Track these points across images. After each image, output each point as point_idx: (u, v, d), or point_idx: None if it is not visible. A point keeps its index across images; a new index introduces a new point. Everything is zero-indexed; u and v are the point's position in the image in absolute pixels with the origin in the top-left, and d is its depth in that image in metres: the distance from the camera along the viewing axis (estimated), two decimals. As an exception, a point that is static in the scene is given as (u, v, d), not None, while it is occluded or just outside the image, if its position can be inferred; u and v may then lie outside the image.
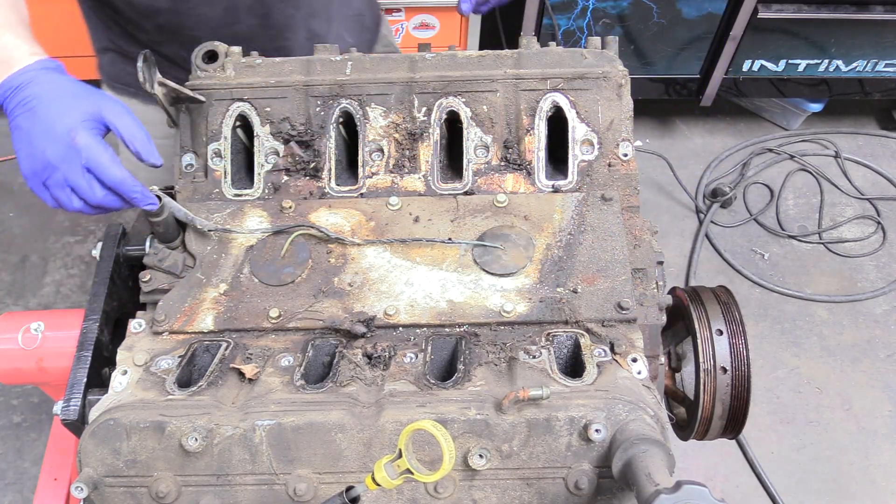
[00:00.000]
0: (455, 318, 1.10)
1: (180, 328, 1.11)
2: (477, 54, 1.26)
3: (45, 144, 1.05)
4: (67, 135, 1.05)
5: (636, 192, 1.25)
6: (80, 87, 1.13)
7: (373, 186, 1.25)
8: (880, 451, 2.62)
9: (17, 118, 1.07)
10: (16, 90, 1.08)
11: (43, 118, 1.06)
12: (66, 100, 1.09)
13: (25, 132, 1.06)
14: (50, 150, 1.05)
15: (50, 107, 1.07)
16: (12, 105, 1.08)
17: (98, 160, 1.07)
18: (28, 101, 1.07)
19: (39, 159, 1.06)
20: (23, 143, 1.07)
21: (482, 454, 0.92)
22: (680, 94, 3.26)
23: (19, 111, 1.07)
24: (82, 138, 1.06)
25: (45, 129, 1.06)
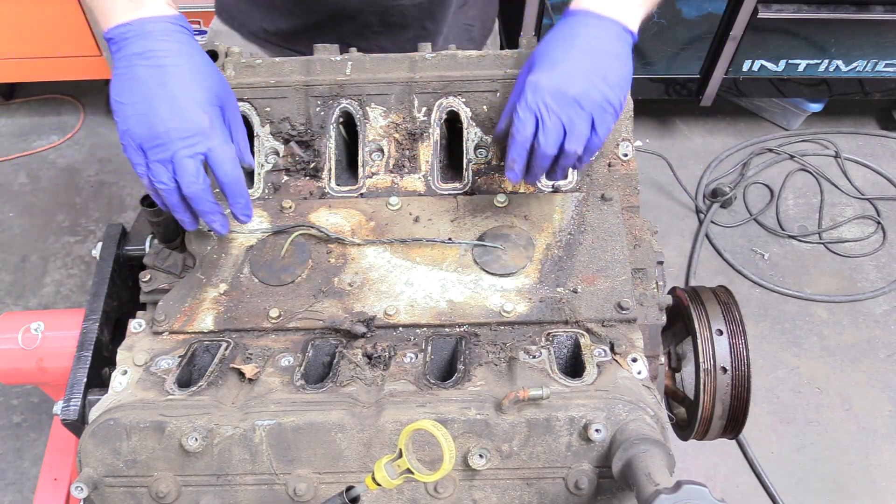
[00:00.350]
0: (455, 318, 1.10)
1: (180, 328, 1.11)
2: (477, 54, 1.26)
3: (169, 114, 0.95)
4: (197, 113, 0.96)
5: (636, 192, 1.25)
6: (211, 63, 1.04)
7: (373, 186, 1.25)
8: (880, 451, 2.62)
9: (135, 67, 0.96)
10: (141, 36, 0.97)
11: (172, 83, 0.96)
12: (201, 73, 1.00)
13: (144, 88, 0.96)
14: (173, 123, 0.95)
15: (182, 74, 0.97)
16: (133, 49, 0.97)
17: (223, 152, 0.98)
18: (155, 55, 0.97)
19: (155, 127, 0.95)
20: (136, 100, 0.96)
21: (482, 454, 0.92)
22: (680, 94, 3.26)
23: (140, 61, 0.96)
24: (215, 124, 0.98)
25: (171, 97, 0.96)
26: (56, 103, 3.62)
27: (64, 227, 3.17)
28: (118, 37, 0.98)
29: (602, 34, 1.06)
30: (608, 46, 1.05)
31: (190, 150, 0.97)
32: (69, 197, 3.27)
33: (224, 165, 0.99)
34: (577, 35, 1.06)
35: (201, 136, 0.97)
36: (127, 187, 3.31)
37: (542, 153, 1.04)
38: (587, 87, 1.02)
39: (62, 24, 3.06)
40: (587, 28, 1.06)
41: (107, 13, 0.99)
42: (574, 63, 1.04)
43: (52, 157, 3.42)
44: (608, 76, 1.04)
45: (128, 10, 0.98)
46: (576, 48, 1.05)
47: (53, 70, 3.26)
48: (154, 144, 0.96)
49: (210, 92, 1.01)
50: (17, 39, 3.11)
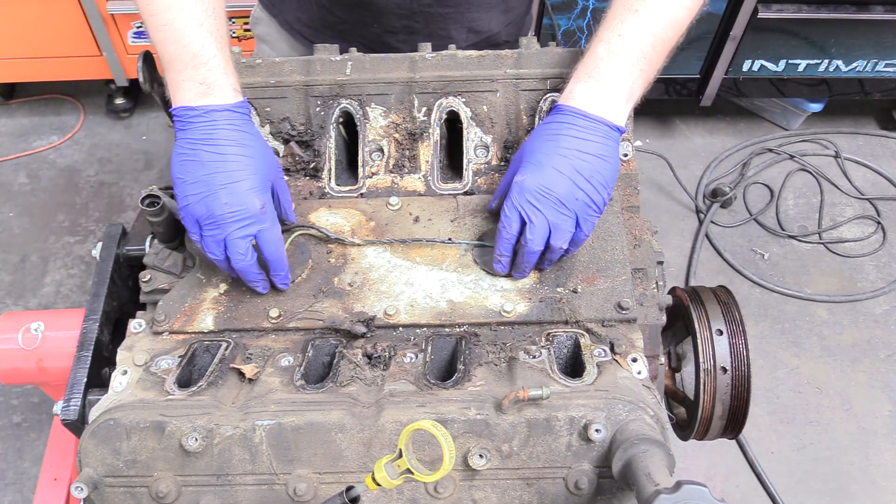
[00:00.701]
0: (455, 318, 1.10)
1: (180, 328, 1.11)
2: (477, 54, 1.26)
3: (226, 199, 1.04)
4: (252, 199, 1.05)
5: (636, 192, 1.25)
6: (266, 147, 1.12)
7: (373, 186, 1.25)
8: (880, 451, 2.62)
9: (199, 151, 1.04)
10: (207, 123, 1.05)
11: (232, 171, 1.04)
12: (257, 160, 1.07)
13: (206, 172, 1.04)
14: (229, 208, 1.04)
15: (241, 162, 1.05)
16: (197, 134, 1.05)
17: (271, 234, 1.08)
18: (218, 143, 1.05)
19: (213, 209, 1.04)
20: (197, 181, 1.04)
21: (482, 454, 0.92)
22: (680, 94, 3.26)
23: (204, 147, 1.04)
24: (266, 209, 1.07)
25: (230, 184, 1.04)
26: (56, 103, 3.62)
27: (64, 227, 3.17)
28: (184, 117, 1.06)
29: (589, 136, 1.07)
30: (594, 148, 1.07)
31: (242, 233, 1.06)
32: (69, 197, 3.27)
33: (270, 246, 1.08)
34: (564, 136, 1.08)
35: (254, 220, 1.06)
36: (127, 187, 3.31)
37: (529, 249, 1.08)
38: (571, 189, 1.06)
39: (62, 24, 3.06)
40: (574, 129, 1.08)
41: (177, 90, 1.07)
42: (559, 165, 1.07)
43: (51, 157, 3.42)
44: (593, 177, 1.07)
45: (198, 94, 1.06)
46: (561, 149, 1.07)
47: (53, 70, 3.26)
48: (210, 223, 1.05)
49: (264, 178, 1.08)
50: (17, 39, 3.11)
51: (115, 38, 3.12)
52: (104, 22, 3.03)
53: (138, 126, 3.56)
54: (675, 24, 1.13)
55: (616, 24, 1.11)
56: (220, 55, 1.08)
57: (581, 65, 1.12)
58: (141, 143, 3.49)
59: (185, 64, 1.06)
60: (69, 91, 3.62)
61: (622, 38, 1.10)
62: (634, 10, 1.10)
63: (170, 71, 1.07)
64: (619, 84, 1.09)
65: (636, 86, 1.11)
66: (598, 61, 1.10)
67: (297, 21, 1.56)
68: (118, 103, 3.51)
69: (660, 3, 1.11)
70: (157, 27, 1.07)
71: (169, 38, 1.06)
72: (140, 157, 3.43)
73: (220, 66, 1.08)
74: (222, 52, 1.09)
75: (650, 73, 1.12)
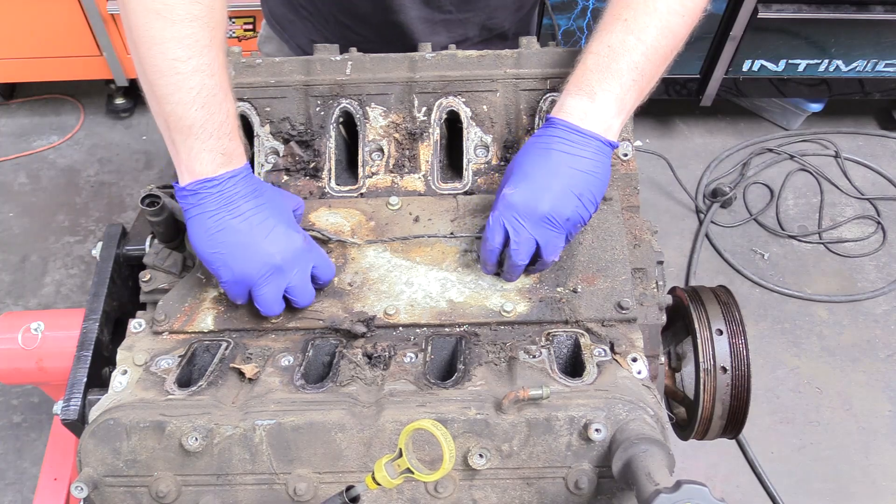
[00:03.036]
0: (455, 317, 1.10)
1: (180, 328, 1.11)
2: (477, 54, 1.26)
3: (276, 248, 1.02)
4: (293, 238, 1.04)
5: (636, 192, 1.25)
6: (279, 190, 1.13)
7: (373, 186, 1.25)
8: (880, 451, 2.62)
9: (230, 221, 1.01)
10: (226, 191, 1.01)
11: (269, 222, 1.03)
12: (279, 203, 1.07)
13: (245, 235, 1.01)
14: (280, 256, 1.03)
15: (267, 211, 1.03)
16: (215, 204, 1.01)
17: (324, 260, 1.09)
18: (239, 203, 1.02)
19: (266, 263, 1.02)
20: (238, 247, 1.01)
21: (482, 454, 0.92)
22: (680, 94, 3.26)
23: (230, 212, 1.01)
24: (308, 240, 1.07)
25: (273, 234, 1.03)
26: (56, 103, 3.62)
27: (64, 227, 3.17)
28: (201, 189, 1.01)
29: (581, 151, 1.05)
30: (585, 164, 1.05)
31: (301, 273, 1.06)
32: (69, 197, 3.27)
33: (327, 269, 1.10)
34: (555, 151, 1.05)
35: (306, 255, 1.07)
36: (127, 187, 3.31)
37: (513, 262, 1.08)
38: (559, 205, 1.04)
39: (62, 24, 3.06)
40: (565, 144, 1.06)
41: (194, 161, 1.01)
42: (549, 181, 1.04)
43: (52, 157, 3.42)
44: (583, 194, 1.05)
45: (219, 164, 1.01)
46: (551, 164, 1.05)
47: (53, 70, 3.26)
48: (267, 277, 1.03)
49: (291, 215, 1.09)
50: (17, 39, 3.11)
51: (115, 38, 3.12)
52: (104, 22, 3.03)
53: (138, 126, 3.56)
54: (668, 32, 1.10)
55: (605, 35, 1.09)
56: (237, 124, 1.06)
57: (572, 77, 1.10)
58: (141, 143, 3.49)
59: (210, 134, 1.00)
60: (69, 91, 3.62)
61: (611, 48, 1.07)
62: (623, 19, 1.08)
63: (189, 138, 1.00)
64: (610, 97, 1.07)
65: (628, 98, 1.09)
66: (588, 74, 1.08)
67: (309, 44, 1.51)
68: (118, 103, 3.51)
69: (650, 12, 1.08)
70: (183, 88, 0.99)
71: (198, 102, 0.99)
72: (140, 157, 3.44)
73: (238, 136, 1.06)
74: (237, 120, 1.06)
75: (644, 84, 1.10)
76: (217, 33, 1.02)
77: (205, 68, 1.00)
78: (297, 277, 1.06)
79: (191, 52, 0.99)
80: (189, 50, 0.99)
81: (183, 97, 0.99)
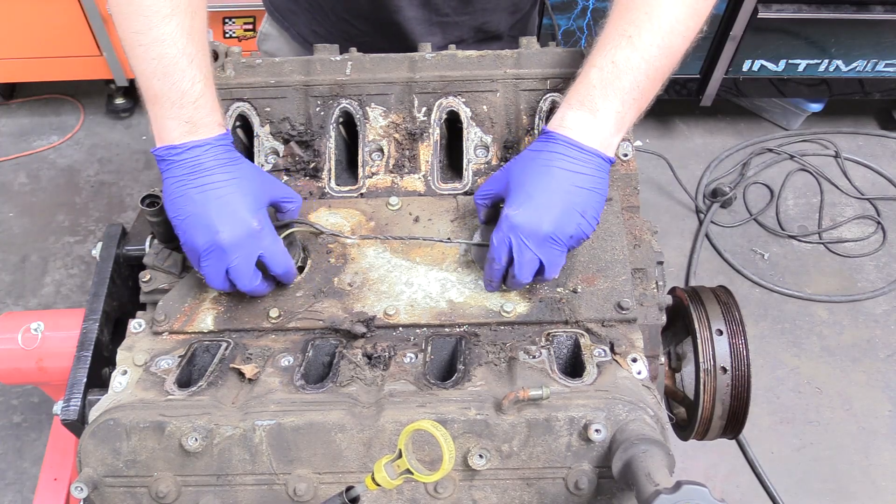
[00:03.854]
0: (455, 318, 1.10)
1: (180, 328, 1.11)
2: (477, 54, 1.26)
3: (223, 226, 1.02)
4: (247, 221, 1.03)
5: (636, 192, 1.25)
6: (253, 167, 1.11)
7: (373, 186, 1.25)
8: (880, 451, 2.62)
9: (186, 187, 1.03)
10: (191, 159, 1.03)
11: (221, 198, 1.03)
12: (246, 183, 1.06)
13: (196, 206, 1.02)
14: (226, 234, 1.02)
15: (229, 188, 1.04)
16: (181, 171, 1.03)
17: (274, 249, 1.07)
18: (203, 174, 1.03)
19: (211, 239, 1.02)
20: (189, 216, 1.03)
21: (482, 454, 0.92)
22: (680, 94, 3.26)
23: (191, 181, 1.03)
24: (263, 225, 1.06)
25: (221, 211, 1.02)
26: (56, 103, 3.62)
27: (64, 227, 3.17)
28: (167, 156, 1.04)
29: (582, 168, 1.04)
30: (587, 182, 1.04)
31: (244, 258, 1.04)
32: (69, 197, 3.27)
33: (276, 260, 1.07)
34: (556, 168, 1.04)
35: (253, 241, 1.05)
36: (127, 187, 3.31)
37: (518, 282, 1.07)
38: (563, 224, 1.03)
39: (62, 24, 3.05)
40: (567, 161, 1.05)
41: (161, 129, 1.05)
42: (552, 200, 1.04)
43: (52, 157, 3.42)
44: (586, 211, 1.05)
45: (183, 133, 1.03)
46: (553, 182, 1.04)
47: (53, 70, 3.26)
48: (209, 253, 1.03)
49: (256, 197, 1.07)
50: (17, 39, 3.11)
51: (115, 38, 3.11)
52: (104, 22, 3.03)
53: (138, 126, 3.56)
54: (670, 52, 1.09)
55: (610, 50, 1.08)
56: (207, 93, 1.06)
57: (573, 91, 1.09)
58: (141, 143, 3.49)
59: (173, 102, 1.03)
60: (69, 91, 3.62)
61: (616, 65, 1.06)
62: (628, 35, 1.07)
63: (154, 106, 1.04)
64: (612, 114, 1.06)
65: (628, 116, 1.08)
66: (591, 89, 1.07)
67: (312, 34, 1.54)
68: (118, 103, 3.51)
69: (654, 30, 1.07)
70: (146, 59, 1.03)
71: (158, 72, 1.02)
72: (140, 157, 3.43)
73: (208, 104, 1.06)
74: (210, 89, 1.07)
75: (643, 103, 1.10)
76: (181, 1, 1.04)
77: (165, 38, 1.02)
78: (240, 261, 1.04)
79: (150, 22, 1.02)
80: (148, 21, 1.02)
81: (145, 68, 1.03)
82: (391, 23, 1.44)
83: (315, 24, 1.53)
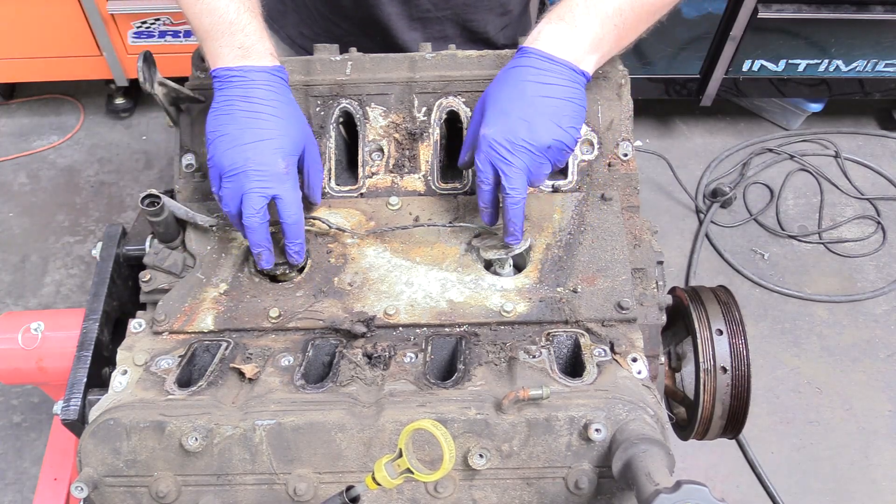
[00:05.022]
0: (455, 317, 1.10)
1: (180, 328, 1.11)
2: (477, 54, 1.26)
3: (252, 155, 1.05)
4: (276, 160, 1.06)
5: (636, 192, 1.25)
6: (299, 114, 1.14)
7: (373, 186, 1.25)
8: (880, 451, 2.62)
9: (234, 107, 1.07)
10: (244, 82, 1.08)
11: (262, 129, 1.07)
12: (289, 123, 1.10)
13: (237, 128, 1.06)
14: (253, 164, 1.05)
15: (272, 122, 1.08)
16: (235, 93, 1.08)
17: (291, 197, 1.08)
18: (253, 101, 1.07)
19: (237, 163, 1.06)
20: (228, 135, 1.07)
21: (482, 454, 0.92)
22: (680, 94, 3.26)
23: (240, 103, 1.07)
24: (290, 171, 1.08)
25: (258, 141, 1.06)
26: (56, 103, 3.62)
27: (64, 227, 3.17)
28: (223, 77, 1.09)
29: (553, 79, 1.07)
30: (560, 92, 1.07)
31: (259, 190, 1.06)
32: (69, 197, 3.27)
33: (289, 208, 1.09)
34: (528, 82, 1.07)
35: (275, 181, 1.07)
36: (127, 187, 3.31)
37: (513, 201, 1.08)
38: (538, 132, 1.05)
39: (62, 24, 3.05)
40: (538, 74, 1.07)
41: (216, 57, 1.11)
42: (526, 113, 1.06)
43: (52, 157, 3.42)
44: (562, 121, 1.06)
45: (237, 57, 1.09)
46: (526, 96, 1.07)
47: (53, 70, 3.26)
48: (231, 175, 1.07)
49: (293, 142, 1.10)
50: (17, 39, 3.11)
51: (115, 38, 3.12)
52: (104, 22, 3.03)
53: (138, 126, 3.56)
54: None
55: None
56: (254, 22, 1.11)
57: (554, 8, 1.11)
58: (141, 143, 3.49)
59: (222, 32, 1.09)
60: (69, 91, 3.62)
61: None
62: None
63: (207, 42, 1.11)
64: (590, 31, 1.08)
65: (607, 38, 1.09)
66: (573, 6, 1.09)
67: (299, 35, 1.55)
68: (118, 103, 3.51)
69: None
70: (193, 2, 1.10)
71: (205, 10, 1.10)
72: (140, 157, 3.44)
73: (256, 32, 1.11)
74: (256, 19, 1.12)
75: (624, 33, 1.11)
76: None
77: None
78: (255, 192, 1.06)
79: None
80: None
81: (195, 9, 1.11)
82: (373, 20, 1.45)
83: (302, 25, 1.54)
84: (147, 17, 3.06)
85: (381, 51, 1.28)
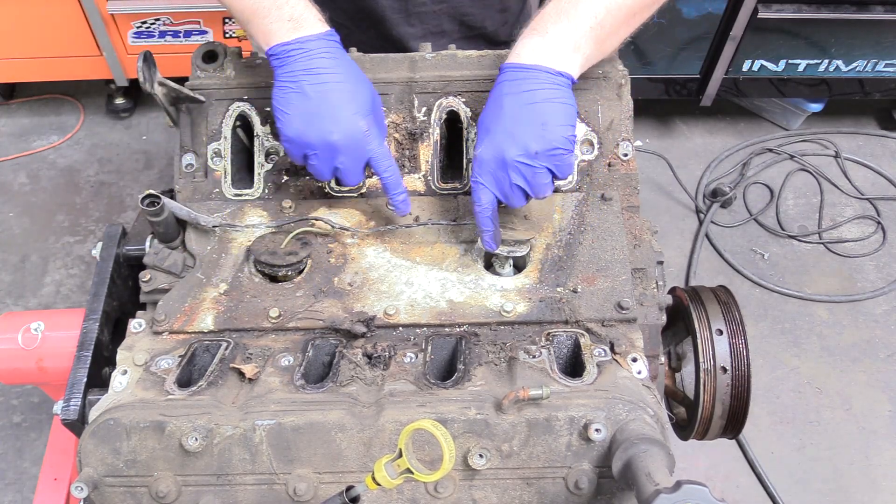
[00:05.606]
0: (455, 317, 1.10)
1: (180, 328, 1.11)
2: (477, 54, 1.26)
3: (333, 126, 1.07)
4: (357, 124, 1.08)
5: (636, 192, 1.25)
6: (361, 73, 1.14)
7: (373, 186, 1.25)
8: (880, 451, 2.62)
9: (301, 83, 1.07)
10: (304, 54, 1.08)
11: (334, 98, 1.08)
12: (357, 85, 1.10)
13: (310, 102, 1.07)
14: (337, 135, 1.07)
15: (342, 89, 1.08)
16: (298, 67, 1.08)
17: (381, 154, 1.11)
18: (318, 72, 1.08)
19: (321, 137, 1.07)
20: (302, 112, 1.07)
21: (482, 454, 0.92)
22: (680, 94, 3.26)
23: (306, 77, 1.07)
24: (372, 130, 1.09)
25: (334, 111, 1.07)
26: (56, 103, 3.62)
27: (64, 227, 3.17)
28: (281, 54, 1.09)
29: (530, 85, 1.06)
30: (538, 95, 1.06)
31: (353, 159, 1.10)
32: (69, 197, 3.27)
33: (382, 163, 1.12)
34: (505, 95, 1.08)
35: (362, 146, 1.09)
36: (127, 187, 3.31)
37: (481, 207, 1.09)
38: (525, 142, 1.05)
39: (62, 24, 3.06)
40: (514, 84, 1.07)
41: (267, 34, 1.10)
42: (507, 126, 1.06)
43: (52, 157, 3.42)
44: (546, 123, 1.06)
45: (289, 30, 1.09)
46: (505, 110, 1.07)
47: (53, 70, 3.26)
48: (320, 151, 1.09)
49: (366, 102, 1.11)
50: (17, 39, 3.11)
51: (115, 38, 3.12)
52: (104, 22, 3.03)
53: (138, 126, 3.56)
54: None
55: None
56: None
57: (529, 24, 1.11)
58: (141, 143, 3.49)
59: (268, 8, 1.09)
60: (69, 91, 3.62)
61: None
62: None
63: (254, 22, 1.10)
64: (563, 37, 1.08)
65: (584, 42, 1.09)
66: (544, 17, 1.09)
67: None
68: (118, 103, 3.51)
69: None
70: None
71: None
72: (140, 157, 3.44)
73: (302, 1, 1.10)
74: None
75: (603, 35, 1.10)
76: None
77: None
78: (348, 162, 1.09)
79: None
80: None
81: None
82: (366, 13, 1.45)
83: None
84: (147, 17, 3.06)
85: (376, 45, 1.28)
